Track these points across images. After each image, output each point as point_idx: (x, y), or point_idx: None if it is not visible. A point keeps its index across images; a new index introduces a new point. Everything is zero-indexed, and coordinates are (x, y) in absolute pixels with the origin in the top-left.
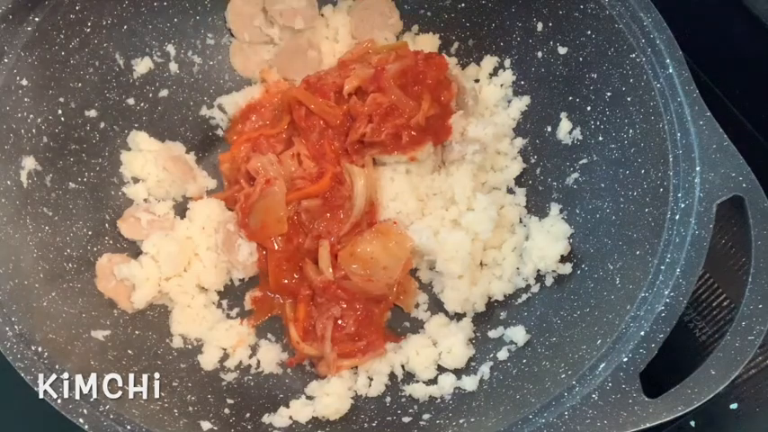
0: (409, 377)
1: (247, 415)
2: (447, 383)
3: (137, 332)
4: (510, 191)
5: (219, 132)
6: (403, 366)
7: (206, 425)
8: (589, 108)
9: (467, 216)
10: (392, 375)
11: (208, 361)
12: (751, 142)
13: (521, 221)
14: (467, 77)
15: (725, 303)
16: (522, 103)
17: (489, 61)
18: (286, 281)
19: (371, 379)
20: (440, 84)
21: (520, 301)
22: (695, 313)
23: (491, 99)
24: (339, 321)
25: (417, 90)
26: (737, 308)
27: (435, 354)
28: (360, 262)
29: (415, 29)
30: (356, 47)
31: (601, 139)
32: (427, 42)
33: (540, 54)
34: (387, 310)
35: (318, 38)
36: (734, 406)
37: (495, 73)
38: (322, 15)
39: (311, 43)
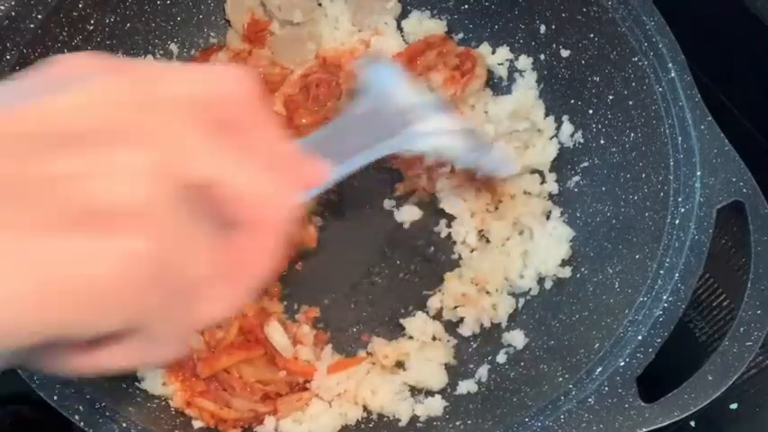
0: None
1: None
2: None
3: None
4: None
5: None
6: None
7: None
8: (591, 111)
9: None
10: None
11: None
12: (751, 143)
13: None
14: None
15: (725, 304)
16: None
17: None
18: None
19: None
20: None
21: (519, 304)
22: (695, 313)
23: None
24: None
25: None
26: (737, 310)
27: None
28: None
29: (418, 16)
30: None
31: (602, 142)
32: (432, 29)
33: (542, 57)
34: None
35: (319, 29)
36: (734, 406)
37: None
38: (320, 5)
39: (311, 35)
